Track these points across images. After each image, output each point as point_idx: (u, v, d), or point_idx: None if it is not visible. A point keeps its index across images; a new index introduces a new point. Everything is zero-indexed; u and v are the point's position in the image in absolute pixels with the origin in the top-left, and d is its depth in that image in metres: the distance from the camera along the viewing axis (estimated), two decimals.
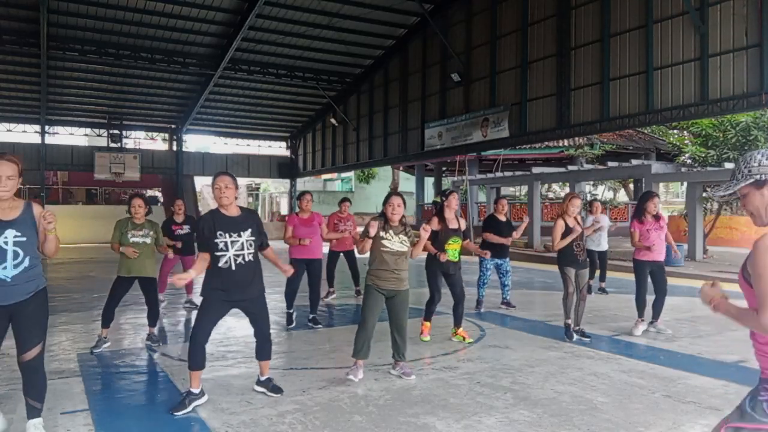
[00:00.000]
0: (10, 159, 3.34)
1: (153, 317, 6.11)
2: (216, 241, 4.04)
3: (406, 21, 19.61)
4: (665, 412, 4.06)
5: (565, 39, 14.58)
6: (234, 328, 6.71)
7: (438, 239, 5.88)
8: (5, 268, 3.30)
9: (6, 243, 3.31)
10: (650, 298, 6.71)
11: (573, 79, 14.48)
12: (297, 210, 7.32)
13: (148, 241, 5.90)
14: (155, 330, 6.20)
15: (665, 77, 12.46)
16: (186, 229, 8.25)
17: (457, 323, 6.35)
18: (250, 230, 4.16)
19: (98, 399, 4.37)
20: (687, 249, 14.75)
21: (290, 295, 7.06)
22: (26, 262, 3.36)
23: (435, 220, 6.07)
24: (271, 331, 6.68)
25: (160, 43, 19.39)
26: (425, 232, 5.03)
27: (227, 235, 4.07)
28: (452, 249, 6.05)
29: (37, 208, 3.48)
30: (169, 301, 8.73)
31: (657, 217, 6.75)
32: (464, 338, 6.26)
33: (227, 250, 4.06)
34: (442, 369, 5.16)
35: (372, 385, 4.63)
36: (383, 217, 4.86)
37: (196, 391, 4.15)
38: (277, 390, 4.41)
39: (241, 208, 4.25)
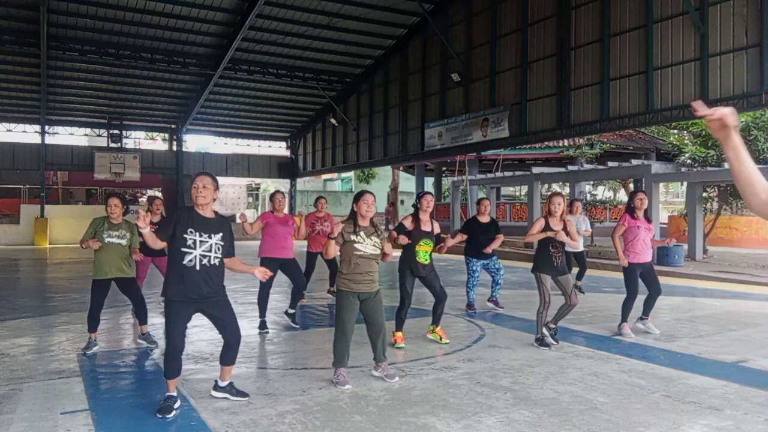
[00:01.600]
0: None
1: (143, 315, 6.05)
2: (185, 236, 3.98)
3: (406, 21, 19.61)
4: (665, 412, 4.06)
5: (565, 39, 14.59)
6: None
7: (410, 239, 5.73)
8: None
9: None
10: (642, 297, 6.65)
11: (573, 79, 14.48)
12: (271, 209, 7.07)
13: (124, 242, 5.78)
14: (147, 327, 6.13)
15: (665, 77, 12.47)
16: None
17: (435, 321, 6.22)
18: (221, 234, 4.10)
19: (98, 399, 4.37)
20: (687, 249, 14.73)
21: (263, 298, 6.75)
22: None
23: (409, 218, 6.01)
24: (271, 331, 6.75)
25: (160, 43, 19.39)
26: (401, 241, 4.96)
27: (197, 234, 4.02)
28: (423, 251, 5.92)
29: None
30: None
31: (648, 220, 6.68)
32: (441, 337, 6.15)
33: (195, 248, 4.00)
34: (442, 369, 5.15)
35: (372, 385, 4.63)
36: (353, 219, 4.77)
37: (174, 393, 4.10)
38: (241, 394, 4.30)
39: (215, 212, 4.20)
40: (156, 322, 7.29)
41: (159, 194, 33.55)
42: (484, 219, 8.01)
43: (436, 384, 4.69)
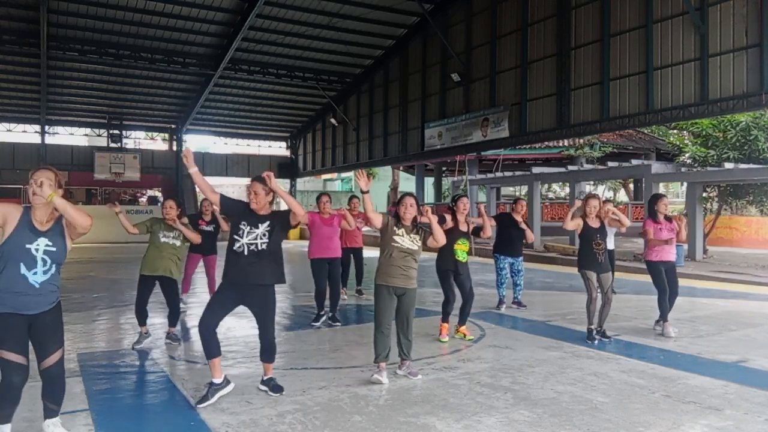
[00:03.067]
0: (48, 168, 3.39)
1: (174, 317, 6.16)
2: (239, 226, 4.28)
3: (406, 21, 19.62)
4: (665, 412, 4.05)
5: (565, 39, 14.59)
6: (234, 328, 6.71)
7: (448, 238, 5.88)
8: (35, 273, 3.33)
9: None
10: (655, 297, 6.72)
11: (573, 79, 14.48)
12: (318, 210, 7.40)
13: (178, 243, 5.97)
14: (176, 330, 6.25)
15: (665, 77, 12.46)
16: (211, 227, 8.23)
17: (462, 322, 6.43)
18: (268, 222, 4.30)
19: (98, 399, 4.37)
20: (687, 249, 14.73)
21: (320, 297, 7.10)
22: (53, 270, 3.41)
23: (449, 218, 6.30)
24: None
25: (160, 43, 19.40)
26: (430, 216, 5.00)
27: (248, 225, 4.28)
28: (461, 249, 6.23)
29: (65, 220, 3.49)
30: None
31: (669, 219, 6.83)
32: (465, 335, 6.35)
33: (242, 237, 4.25)
34: (442, 369, 5.15)
35: (372, 385, 4.63)
36: (396, 217, 4.91)
37: (218, 381, 4.21)
38: (277, 389, 4.41)
39: (274, 211, 4.41)
40: (156, 323, 7.30)
41: (158, 194, 33.58)
42: (518, 217, 8.20)
43: (436, 384, 4.69)
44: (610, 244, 9.84)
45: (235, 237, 4.28)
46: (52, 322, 3.45)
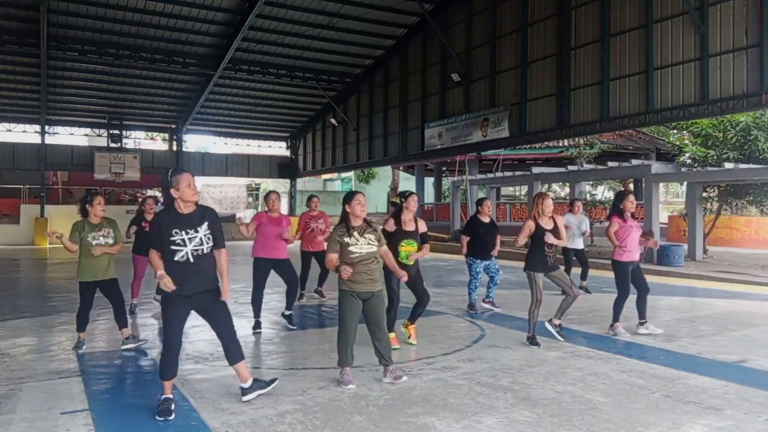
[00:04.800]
0: None
1: (123, 318, 5.93)
2: (172, 239, 3.99)
3: (406, 21, 19.61)
4: (665, 412, 4.06)
5: (565, 39, 14.59)
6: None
7: (392, 241, 5.66)
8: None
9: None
10: (632, 297, 6.62)
11: (573, 79, 14.48)
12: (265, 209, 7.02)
13: (111, 241, 5.70)
14: (129, 331, 6.00)
15: (665, 77, 12.46)
16: None
17: (411, 318, 6.18)
18: (206, 223, 4.10)
19: (98, 399, 4.37)
20: (687, 249, 14.73)
21: (257, 300, 6.73)
22: None
23: (391, 221, 5.93)
24: (271, 331, 6.75)
25: (160, 43, 19.39)
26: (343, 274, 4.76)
27: (183, 232, 4.02)
28: (405, 251, 5.83)
29: None
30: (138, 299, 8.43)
31: (634, 217, 6.72)
32: (410, 335, 6.13)
33: (185, 245, 4.01)
34: (442, 369, 5.15)
35: (372, 385, 4.63)
36: (344, 221, 4.73)
37: (171, 396, 4.08)
38: (270, 382, 4.33)
39: (197, 204, 4.17)
40: (149, 323, 7.30)
41: (155, 194, 33.54)
42: (486, 219, 8.01)
43: (436, 384, 4.69)
44: (579, 243, 9.83)
45: (173, 248, 3.99)
46: None
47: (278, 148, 31.90)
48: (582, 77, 14.29)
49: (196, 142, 35.82)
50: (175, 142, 28.12)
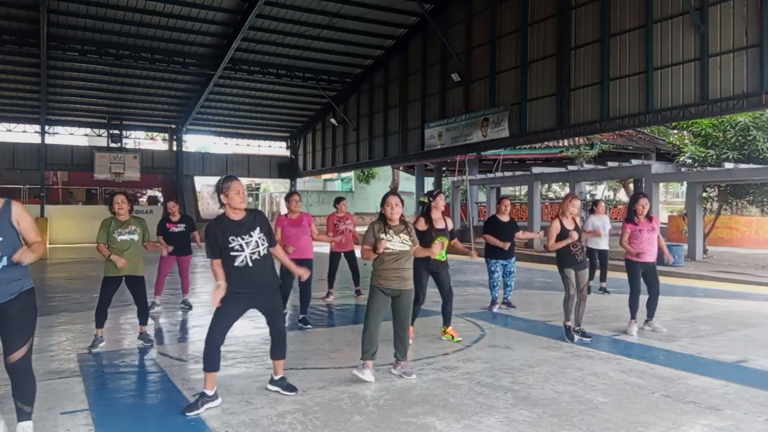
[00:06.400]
0: None
1: (144, 316, 6.12)
2: (230, 245, 4.15)
3: (406, 21, 19.60)
4: (665, 412, 4.06)
5: (565, 39, 14.58)
6: (234, 328, 6.62)
7: (425, 239, 5.80)
8: None
9: None
10: (643, 298, 6.75)
11: (573, 79, 14.47)
12: (286, 212, 7.29)
13: (136, 237, 5.91)
14: (146, 329, 6.20)
15: (665, 77, 12.46)
16: (181, 227, 8.20)
17: (446, 322, 6.36)
18: (258, 228, 4.27)
19: (98, 399, 4.37)
20: (687, 249, 14.73)
21: (283, 297, 6.98)
22: (4, 262, 3.33)
23: (422, 220, 6.09)
24: None
25: (160, 43, 19.39)
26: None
27: (240, 238, 4.18)
28: (440, 252, 5.86)
29: (16, 208, 3.45)
30: (165, 301, 8.69)
31: (649, 218, 6.78)
32: (453, 337, 6.27)
33: (243, 250, 4.18)
34: (442, 369, 5.15)
35: (372, 385, 4.63)
36: (382, 219, 4.89)
37: (210, 393, 4.16)
38: (291, 389, 4.43)
39: (246, 210, 4.32)
40: (149, 323, 7.30)
41: (158, 194, 33.58)
42: (504, 218, 8.10)
43: (436, 384, 4.69)
44: (604, 244, 9.89)
45: (233, 254, 4.16)
46: (18, 315, 3.39)
47: (278, 148, 31.91)
48: (582, 77, 14.28)
49: (196, 142, 35.85)
50: (175, 142, 28.11)
